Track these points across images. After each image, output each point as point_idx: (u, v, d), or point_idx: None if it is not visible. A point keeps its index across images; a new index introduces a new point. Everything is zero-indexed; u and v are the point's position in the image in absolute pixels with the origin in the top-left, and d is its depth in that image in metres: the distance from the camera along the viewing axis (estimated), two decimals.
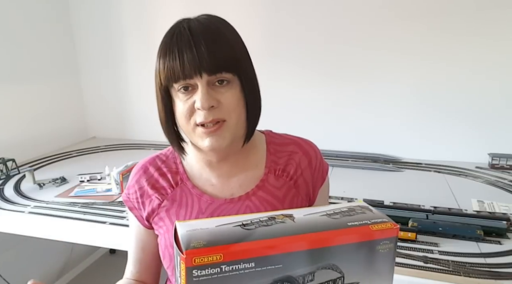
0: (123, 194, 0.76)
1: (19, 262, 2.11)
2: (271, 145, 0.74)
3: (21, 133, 2.19)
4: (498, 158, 1.86)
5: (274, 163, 0.72)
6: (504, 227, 1.23)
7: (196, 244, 0.41)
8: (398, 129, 2.06)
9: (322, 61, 2.11)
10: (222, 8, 2.10)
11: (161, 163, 0.74)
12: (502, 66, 1.83)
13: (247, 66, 0.65)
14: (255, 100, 0.66)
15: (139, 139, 2.58)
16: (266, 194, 0.69)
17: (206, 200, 0.69)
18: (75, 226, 1.42)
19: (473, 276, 1.04)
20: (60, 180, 1.82)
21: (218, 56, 0.58)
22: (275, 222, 0.47)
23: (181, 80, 0.59)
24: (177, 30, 0.61)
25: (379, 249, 0.47)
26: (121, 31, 2.44)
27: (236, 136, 0.65)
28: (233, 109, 0.61)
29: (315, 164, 0.73)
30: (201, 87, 0.59)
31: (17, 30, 2.14)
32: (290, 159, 0.72)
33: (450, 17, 1.84)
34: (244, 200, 0.69)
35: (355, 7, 1.98)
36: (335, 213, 0.49)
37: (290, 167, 0.71)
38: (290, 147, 0.73)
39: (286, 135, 0.77)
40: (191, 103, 0.60)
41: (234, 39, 0.63)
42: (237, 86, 0.62)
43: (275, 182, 0.70)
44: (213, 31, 0.60)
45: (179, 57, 0.58)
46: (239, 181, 0.70)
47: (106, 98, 2.61)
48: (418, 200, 1.46)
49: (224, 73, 0.60)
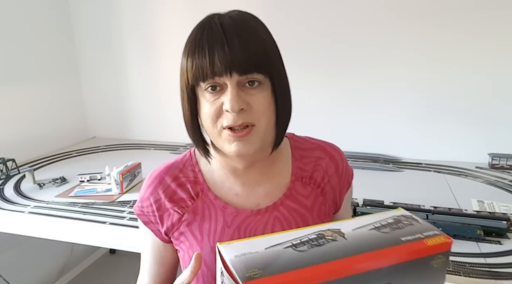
0: (135, 206, 0.70)
1: (19, 262, 2.11)
2: (296, 150, 0.70)
3: (21, 133, 2.19)
4: (498, 158, 1.86)
5: (300, 169, 0.68)
6: (504, 227, 1.23)
7: (252, 274, 0.38)
8: (398, 129, 2.06)
9: (321, 61, 2.11)
10: (222, 8, 2.10)
11: (178, 171, 0.68)
12: (502, 66, 1.83)
13: (279, 67, 0.61)
14: (286, 104, 0.62)
15: (139, 139, 2.58)
16: (294, 204, 0.65)
17: (231, 212, 0.65)
18: (75, 226, 1.42)
19: (473, 276, 1.04)
20: (60, 180, 1.82)
21: (251, 55, 0.55)
22: (326, 240, 0.44)
23: (210, 79, 0.55)
24: (208, 25, 0.57)
25: (433, 264, 0.45)
26: (121, 31, 2.44)
27: (264, 142, 0.61)
28: (263, 113, 0.57)
29: (342, 169, 0.70)
30: (230, 88, 0.55)
31: (17, 30, 2.14)
32: (317, 165, 0.68)
33: (450, 17, 1.84)
34: (272, 211, 0.65)
35: (355, 7, 1.98)
36: (383, 226, 0.47)
37: (317, 174, 0.68)
38: (316, 152, 0.70)
39: (310, 138, 0.73)
40: (218, 105, 0.56)
41: (267, 38, 0.59)
42: (268, 88, 0.58)
43: (302, 190, 0.67)
44: (246, 28, 0.57)
45: (209, 54, 0.54)
46: (265, 190, 0.66)
47: (106, 98, 2.61)
48: (418, 200, 1.46)
49: (256, 74, 0.56)
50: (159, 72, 2.43)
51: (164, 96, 2.45)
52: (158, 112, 2.51)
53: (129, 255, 1.46)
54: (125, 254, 2.49)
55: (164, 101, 2.46)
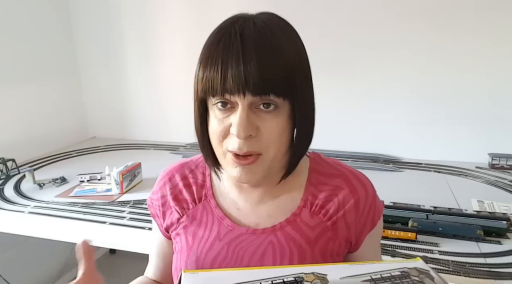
0: (148, 197, 0.71)
1: (19, 262, 2.11)
2: (315, 173, 0.63)
3: (21, 133, 2.19)
4: (498, 158, 1.86)
5: (312, 196, 0.61)
6: (504, 227, 1.23)
7: None
8: (398, 129, 2.06)
9: (321, 61, 2.11)
10: (221, 8, 2.09)
11: (189, 172, 0.67)
12: (502, 66, 1.83)
13: (304, 90, 0.54)
14: (305, 130, 0.56)
15: (139, 139, 2.58)
16: (295, 232, 0.59)
17: (227, 226, 0.61)
18: (75, 226, 1.42)
19: (473, 276, 1.04)
20: (60, 180, 1.82)
21: (269, 75, 0.48)
22: None
23: (219, 95, 0.50)
24: (227, 33, 0.51)
25: None
26: (121, 31, 2.44)
27: (272, 169, 0.57)
28: (273, 142, 0.52)
29: (364, 205, 0.60)
30: (241, 110, 0.50)
31: (17, 30, 2.14)
32: (332, 195, 0.60)
33: (450, 18, 1.84)
34: (268, 234, 0.59)
35: (356, 8, 1.98)
36: (382, 279, 0.37)
37: (331, 205, 0.60)
38: (336, 181, 0.61)
39: (336, 164, 0.64)
40: (226, 125, 0.52)
41: (295, 54, 0.52)
42: (286, 112, 0.52)
43: (309, 220, 0.59)
44: (269, 43, 0.50)
45: (222, 68, 0.49)
46: (269, 210, 0.61)
47: (106, 98, 2.61)
48: (418, 200, 1.46)
49: (273, 96, 0.50)
50: (159, 72, 2.43)
51: (164, 96, 2.45)
52: (158, 112, 2.51)
53: (129, 255, 1.46)
54: (125, 254, 2.48)
55: (164, 101, 2.46)
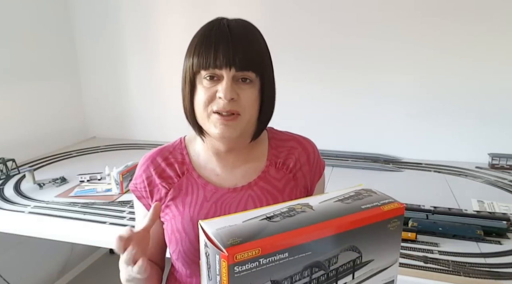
0: (130, 184, 0.80)
1: (19, 262, 2.11)
2: (273, 140, 0.79)
3: (21, 133, 2.19)
4: (498, 158, 1.86)
5: (275, 156, 0.77)
6: (504, 227, 1.23)
7: (233, 242, 0.43)
8: (398, 129, 2.06)
9: (322, 61, 2.11)
10: (220, 7, 2.10)
11: (168, 153, 0.78)
12: (502, 66, 1.83)
13: (269, 70, 0.71)
14: (269, 103, 0.72)
15: (139, 139, 2.58)
16: (267, 185, 0.74)
17: (211, 189, 0.74)
18: (75, 226, 1.42)
19: (473, 276, 1.04)
20: (60, 180, 1.82)
21: (249, 55, 0.65)
22: (296, 212, 0.50)
23: (211, 69, 0.64)
24: (217, 25, 0.67)
25: (389, 227, 0.53)
26: (121, 31, 2.44)
27: (245, 131, 0.70)
28: (249, 106, 0.67)
29: (313, 159, 0.79)
30: (226, 80, 0.64)
31: (17, 31, 2.14)
32: (290, 153, 0.77)
33: (450, 17, 1.84)
34: (247, 190, 0.73)
35: (355, 5, 1.98)
36: (346, 198, 0.54)
37: (290, 161, 0.77)
38: (290, 143, 0.79)
39: (286, 132, 0.83)
40: (213, 91, 0.65)
41: (263, 45, 0.70)
42: (257, 87, 0.68)
43: (275, 174, 0.75)
44: (249, 33, 0.68)
45: (215, 48, 0.64)
46: (242, 172, 0.75)
47: (106, 98, 2.61)
48: (418, 200, 1.46)
49: (250, 72, 0.65)
50: (159, 72, 2.43)
51: (164, 96, 2.45)
52: (158, 112, 2.51)
53: None
54: None
55: (164, 101, 2.46)
